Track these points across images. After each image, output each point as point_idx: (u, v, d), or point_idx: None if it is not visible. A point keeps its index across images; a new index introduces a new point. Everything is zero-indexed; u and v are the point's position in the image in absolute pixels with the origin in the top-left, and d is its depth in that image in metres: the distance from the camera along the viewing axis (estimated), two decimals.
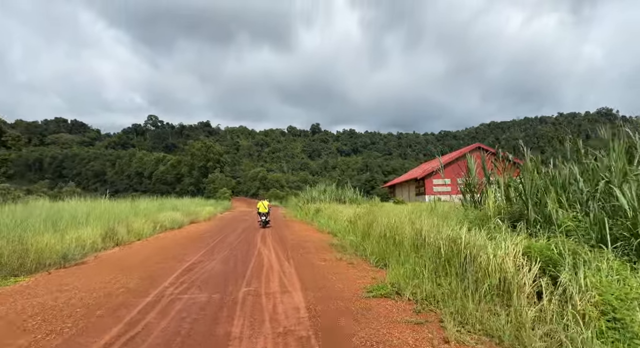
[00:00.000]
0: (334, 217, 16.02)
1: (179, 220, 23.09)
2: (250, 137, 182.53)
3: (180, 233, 17.48)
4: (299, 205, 29.11)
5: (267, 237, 14.53)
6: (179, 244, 13.19)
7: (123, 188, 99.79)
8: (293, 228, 18.53)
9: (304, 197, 29.42)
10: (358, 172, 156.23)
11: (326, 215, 17.88)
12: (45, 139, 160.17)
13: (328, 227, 15.80)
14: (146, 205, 23.84)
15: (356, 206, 19.39)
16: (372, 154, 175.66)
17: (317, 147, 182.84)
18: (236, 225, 21.99)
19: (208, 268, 8.32)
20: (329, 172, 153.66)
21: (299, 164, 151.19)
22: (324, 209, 19.76)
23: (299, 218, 24.59)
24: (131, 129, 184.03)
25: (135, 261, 9.57)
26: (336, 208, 18.09)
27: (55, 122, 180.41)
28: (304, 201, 26.60)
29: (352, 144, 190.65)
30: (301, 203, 27.69)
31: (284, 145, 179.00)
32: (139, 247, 12.56)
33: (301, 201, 29.29)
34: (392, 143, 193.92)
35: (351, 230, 11.56)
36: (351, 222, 13.06)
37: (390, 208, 15.53)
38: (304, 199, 27.51)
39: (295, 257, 9.58)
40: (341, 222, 14.73)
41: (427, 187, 43.30)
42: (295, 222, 22.84)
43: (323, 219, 17.47)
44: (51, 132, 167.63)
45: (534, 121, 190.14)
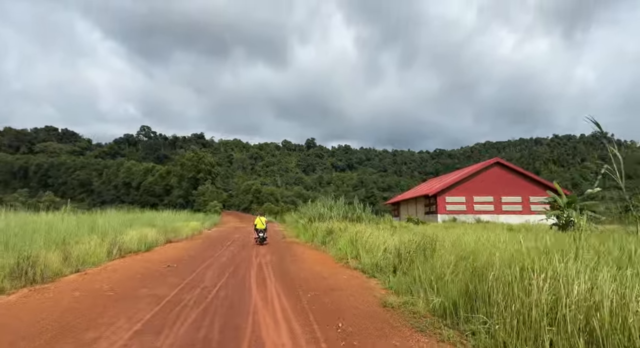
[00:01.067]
0: (362, 244, 10.85)
1: (151, 240, 17.82)
2: (245, 150, 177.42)
3: (143, 261, 12.20)
4: (300, 222, 23.86)
5: (267, 275, 9.36)
6: (118, 290, 7.92)
7: (110, 199, 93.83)
8: (300, 256, 13.30)
9: (306, 213, 24.19)
10: (353, 188, 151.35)
11: (346, 239, 12.70)
12: (34, 147, 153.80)
13: (356, 259, 10.66)
14: (109, 220, 18.59)
15: (388, 227, 14.31)
16: (367, 170, 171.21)
17: (311, 161, 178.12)
18: (222, 249, 16.70)
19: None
20: (324, 188, 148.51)
21: (293, 178, 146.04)
22: (338, 230, 14.57)
23: (303, 240, 19.36)
24: (123, 139, 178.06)
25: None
26: (360, 230, 12.93)
27: (46, 130, 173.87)
28: (308, 218, 21.35)
29: (347, 160, 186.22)
30: (304, 221, 22.44)
31: (278, 159, 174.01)
32: (46, 298, 7.29)
33: (303, 218, 24.06)
34: (387, 160, 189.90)
35: (422, 278, 6.36)
36: (403, 258, 7.93)
37: (441, 233, 10.56)
38: (307, 216, 22.26)
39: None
40: (377, 251, 9.61)
41: (439, 205, 38.35)
42: (300, 245, 17.63)
43: (343, 245, 12.30)
44: (40, 140, 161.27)
45: (529, 142, 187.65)
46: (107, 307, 6.19)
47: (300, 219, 25.37)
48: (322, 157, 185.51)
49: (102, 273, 10.00)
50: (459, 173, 43.22)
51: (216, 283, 8.40)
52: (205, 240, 21.58)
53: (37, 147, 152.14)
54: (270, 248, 16.43)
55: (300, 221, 24.21)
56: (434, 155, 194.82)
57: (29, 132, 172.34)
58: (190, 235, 25.24)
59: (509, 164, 39.32)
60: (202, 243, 20.07)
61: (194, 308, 6.07)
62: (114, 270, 10.36)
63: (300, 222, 23.88)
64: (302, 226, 21.86)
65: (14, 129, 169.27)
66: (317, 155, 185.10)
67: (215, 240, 21.51)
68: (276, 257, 13.22)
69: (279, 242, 20.38)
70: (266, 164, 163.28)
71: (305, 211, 25.49)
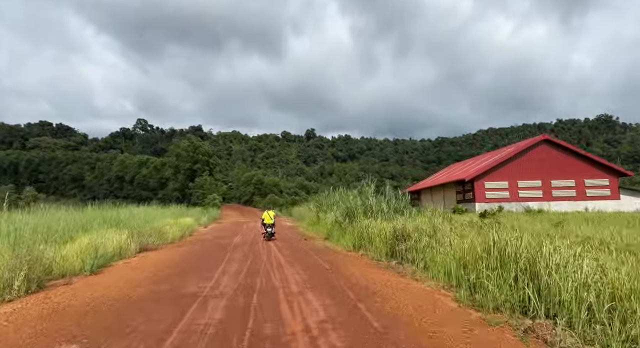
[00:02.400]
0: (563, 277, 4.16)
1: (111, 250, 11.48)
2: (244, 142, 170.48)
3: (53, 305, 5.66)
4: (327, 218, 17.24)
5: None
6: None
7: (102, 194, 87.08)
8: (375, 295, 6.59)
9: (333, 205, 17.59)
10: (356, 178, 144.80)
11: (444, 252, 6.07)
12: (27, 143, 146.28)
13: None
14: (65, 219, 12.35)
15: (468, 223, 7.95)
16: (369, 160, 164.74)
17: (312, 152, 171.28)
18: (216, 269, 10.08)
19: None
20: (325, 178, 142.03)
21: (294, 169, 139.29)
22: (425, 236, 8.01)
23: (344, 247, 12.70)
24: (119, 133, 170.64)
25: None
26: (466, 234, 6.37)
27: (40, 125, 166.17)
28: (344, 213, 14.70)
29: (348, 150, 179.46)
30: (334, 216, 15.79)
31: (278, 150, 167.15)
32: None
33: (329, 212, 17.50)
34: (388, 149, 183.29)
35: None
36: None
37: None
38: (338, 209, 15.64)
39: None
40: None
41: (477, 192, 31.83)
42: (347, 258, 10.97)
43: (447, 262, 5.65)
44: (34, 135, 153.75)
45: (532, 128, 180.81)
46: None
47: (323, 213, 18.80)
48: (323, 147, 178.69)
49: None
50: (497, 153, 36.64)
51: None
52: (198, 245, 14.95)
53: (31, 143, 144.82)
54: (299, 264, 9.84)
55: (327, 216, 17.57)
56: (435, 143, 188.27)
57: (22, 127, 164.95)
58: (179, 238, 18.68)
59: (559, 142, 32.77)
60: (195, 249, 13.44)
61: None
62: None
63: (327, 218, 17.25)
64: (335, 224, 15.23)
65: (7, 125, 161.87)
66: (317, 146, 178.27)
67: (212, 245, 14.88)
68: (326, 294, 6.59)
69: (298, 244, 13.74)
70: (266, 156, 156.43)
71: (330, 202, 18.92)
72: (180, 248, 14.38)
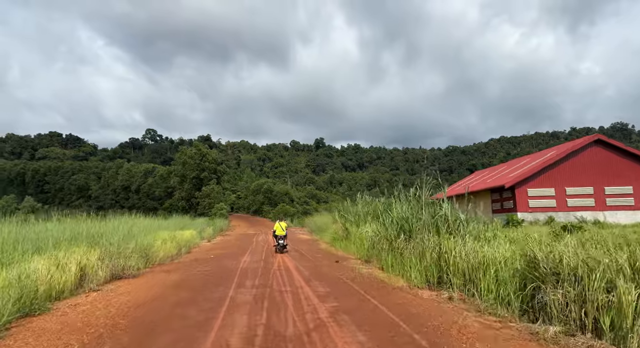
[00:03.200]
0: None
1: (67, 280, 7.47)
2: (252, 151, 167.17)
3: None
4: (363, 233, 13.00)
5: None
6: None
7: (108, 204, 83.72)
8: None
9: (368, 215, 13.44)
10: (367, 188, 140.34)
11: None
12: (36, 153, 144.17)
13: None
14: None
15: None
16: (379, 169, 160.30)
17: (321, 161, 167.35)
18: (215, 303, 5.88)
19: None
20: (335, 188, 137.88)
21: (303, 178, 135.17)
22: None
23: (402, 277, 8.46)
24: (128, 143, 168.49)
25: None
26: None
27: (49, 136, 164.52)
28: (392, 227, 10.43)
29: (358, 159, 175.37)
30: (374, 231, 11.60)
31: (287, 159, 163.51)
32: None
33: (367, 224, 13.33)
34: (398, 158, 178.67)
35: None
36: None
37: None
38: (387, 220, 11.37)
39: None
40: None
41: (518, 200, 27.41)
42: (416, 299, 6.71)
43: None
44: (44, 146, 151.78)
45: (545, 136, 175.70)
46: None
47: (354, 225, 14.58)
48: (332, 156, 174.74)
49: None
50: (538, 157, 32.22)
51: None
52: (185, 276, 10.64)
53: (40, 153, 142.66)
54: (354, 321, 5.59)
55: (361, 230, 13.30)
56: (446, 152, 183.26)
57: (32, 138, 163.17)
58: (172, 257, 14.60)
59: (615, 142, 28.25)
60: (173, 287, 9.09)
61: None
62: None
63: (362, 233, 12.99)
64: (378, 242, 10.95)
65: (17, 135, 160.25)
66: (327, 155, 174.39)
67: (205, 276, 10.62)
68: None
69: (342, 277, 9.37)
70: (275, 165, 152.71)
71: (362, 211, 14.77)
72: (166, 277, 10.22)
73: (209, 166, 61.27)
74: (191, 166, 60.87)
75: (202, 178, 61.21)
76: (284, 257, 13.80)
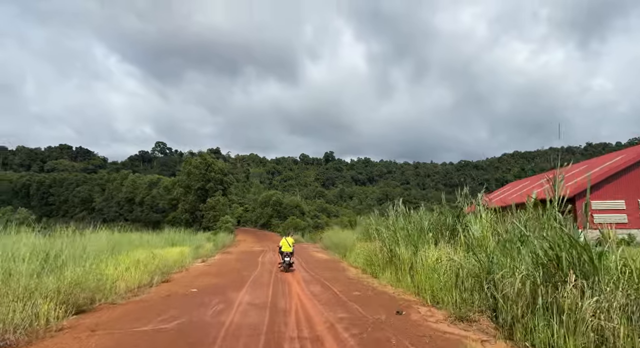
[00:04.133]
0: None
1: None
2: (261, 164, 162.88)
3: None
4: (429, 262, 7.90)
5: None
6: None
7: (112, 217, 79.29)
8: None
9: (430, 231, 8.31)
10: (378, 202, 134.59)
11: None
12: (45, 166, 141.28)
13: None
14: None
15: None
16: (390, 183, 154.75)
17: (330, 175, 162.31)
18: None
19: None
20: (346, 201, 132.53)
21: (313, 192, 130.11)
22: None
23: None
24: (138, 156, 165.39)
25: None
26: None
27: (59, 149, 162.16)
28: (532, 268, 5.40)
29: (368, 173, 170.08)
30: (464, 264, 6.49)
31: (296, 173, 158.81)
32: None
33: (430, 246, 8.20)
34: (409, 172, 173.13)
35: None
36: None
37: None
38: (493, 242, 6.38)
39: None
40: None
41: (580, 214, 22.10)
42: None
43: None
44: (53, 159, 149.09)
45: (560, 151, 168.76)
46: None
47: (410, 248, 9.47)
48: (341, 170, 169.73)
49: None
50: (600, 162, 26.94)
51: None
52: (124, 341, 5.69)
53: (48, 165, 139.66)
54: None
55: (426, 255, 8.25)
56: (458, 166, 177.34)
57: (42, 150, 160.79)
58: (137, 288, 9.68)
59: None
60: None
61: None
62: None
63: (429, 261, 7.93)
64: (467, 278, 5.91)
65: (27, 148, 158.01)
66: (336, 169, 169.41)
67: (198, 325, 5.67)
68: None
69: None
70: (284, 178, 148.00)
71: (416, 227, 9.76)
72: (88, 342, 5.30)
73: (214, 176, 56.58)
74: (196, 176, 56.25)
75: (208, 190, 56.48)
76: (303, 297, 8.74)
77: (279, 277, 12.42)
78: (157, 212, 68.35)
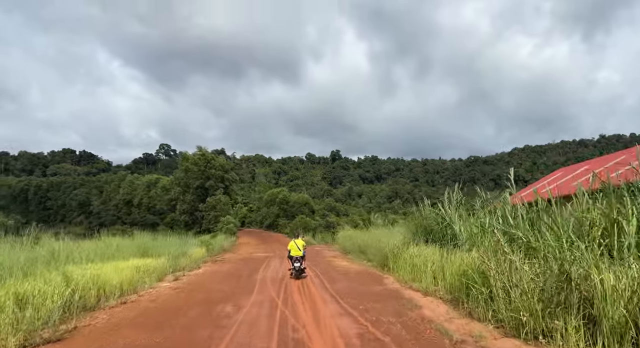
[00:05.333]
0: None
1: None
2: (267, 165, 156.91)
3: None
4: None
5: None
6: None
7: (109, 220, 73.61)
8: None
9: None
10: (387, 200, 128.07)
11: None
12: (47, 170, 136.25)
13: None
14: None
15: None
16: (399, 181, 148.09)
17: (337, 174, 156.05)
18: None
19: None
20: (354, 200, 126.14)
21: (320, 191, 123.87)
22: None
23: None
24: (142, 159, 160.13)
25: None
26: None
27: (63, 153, 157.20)
28: None
29: (375, 171, 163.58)
30: None
31: (302, 173, 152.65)
32: None
33: None
34: (417, 169, 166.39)
35: None
36: None
37: None
38: None
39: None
40: None
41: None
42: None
43: None
44: (55, 163, 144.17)
45: (573, 144, 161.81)
46: None
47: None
48: (348, 169, 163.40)
49: None
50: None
51: None
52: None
53: (50, 170, 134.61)
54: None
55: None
56: (467, 162, 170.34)
57: (44, 155, 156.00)
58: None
59: None
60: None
61: None
62: None
63: None
64: None
65: (29, 153, 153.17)
66: (343, 168, 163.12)
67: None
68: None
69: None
70: (290, 178, 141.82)
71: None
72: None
73: (215, 174, 50.54)
74: (194, 174, 50.25)
75: (208, 188, 50.46)
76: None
77: (291, 322, 6.27)
78: (155, 214, 62.49)
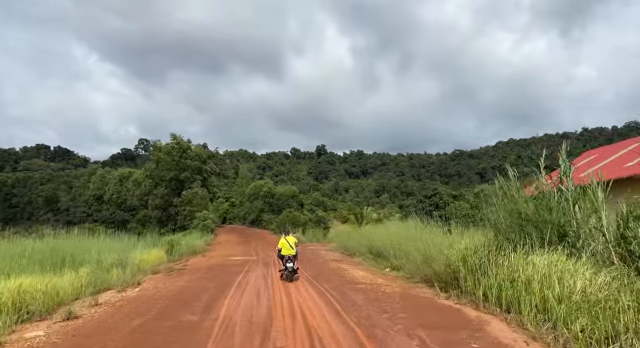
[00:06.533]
0: None
1: None
2: (252, 160, 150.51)
3: None
4: None
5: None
6: None
7: (79, 218, 66.74)
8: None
9: None
10: (375, 194, 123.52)
11: None
12: (18, 166, 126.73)
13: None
14: None
15: None
16: (385, 176, 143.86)
17: (323, 169, 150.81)
18: None
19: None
20: (341, 195, 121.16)
21: (306, 186, 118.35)
22: None
23: None
24: (120, 154, 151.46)
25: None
26: None
27: (36, 149, 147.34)
28: None
29: (362, 166, 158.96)
30: None
31: (287, 168, 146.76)
32: None
33: None
34: (403, 164, 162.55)
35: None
36: None
37: None
38: None
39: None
40: None
41: None
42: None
43: None
44: (27, 159, 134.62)
45: (556, 137, 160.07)
46: None
47: None
48: (334, 163, 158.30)
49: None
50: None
51: None
52: None
53: (22, 166, 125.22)
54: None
55: None
56: (452, 156, 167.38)
57: (16, 151, 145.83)
58: None
59: None
60: None
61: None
62: None
63: None
64: None
65: (0, 149, 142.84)
66: (329, 162, 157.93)
67: None
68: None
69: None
70: (275, 173, 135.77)
71: None
72: None
73: (191, 164, 44.57)
74: (167, 164, 44.16)
75: (183, 181, 44.46)
76: None
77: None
78: (125, 210, 56.03)
